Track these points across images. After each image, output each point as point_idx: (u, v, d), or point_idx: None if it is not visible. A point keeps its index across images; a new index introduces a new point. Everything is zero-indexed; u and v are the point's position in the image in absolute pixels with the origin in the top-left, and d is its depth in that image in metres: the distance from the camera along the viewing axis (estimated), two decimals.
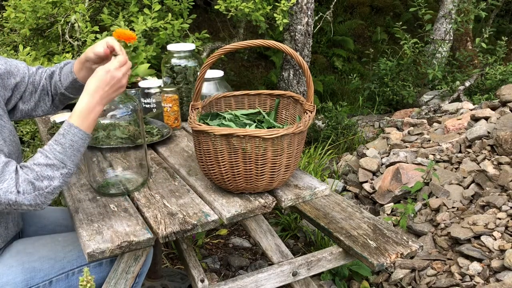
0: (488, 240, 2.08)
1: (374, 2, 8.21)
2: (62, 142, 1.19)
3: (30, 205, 1.16)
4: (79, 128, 1.21)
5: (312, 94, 1.34)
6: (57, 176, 1.17)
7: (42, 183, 1.15)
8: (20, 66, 1.45)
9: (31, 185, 1.15)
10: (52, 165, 1.17)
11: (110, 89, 1.24)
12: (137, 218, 1.30)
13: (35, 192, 1.15)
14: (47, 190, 1.16)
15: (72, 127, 1.20)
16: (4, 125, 1.34)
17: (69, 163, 1.19)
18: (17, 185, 1.14)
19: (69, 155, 1.19)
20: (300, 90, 4.33)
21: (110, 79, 1.24)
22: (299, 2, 3.99)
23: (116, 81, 1.25)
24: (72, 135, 1.20)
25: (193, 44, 1.98)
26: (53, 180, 1.17)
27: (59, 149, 1.18)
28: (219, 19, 6.33)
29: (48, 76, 1.48)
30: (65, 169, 1.18)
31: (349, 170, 3.17)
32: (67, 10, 2.92)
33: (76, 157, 1.21)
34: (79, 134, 1.20)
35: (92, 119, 1.23)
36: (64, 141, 1.19)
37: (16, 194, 1.13)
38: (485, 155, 2.60)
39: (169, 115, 1.88)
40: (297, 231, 2.62)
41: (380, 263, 1.56)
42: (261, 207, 1.34)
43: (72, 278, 1.35)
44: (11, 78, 1.41)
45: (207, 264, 2.38)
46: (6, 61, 1.42)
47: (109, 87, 1.24)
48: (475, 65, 5.20)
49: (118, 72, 1.25)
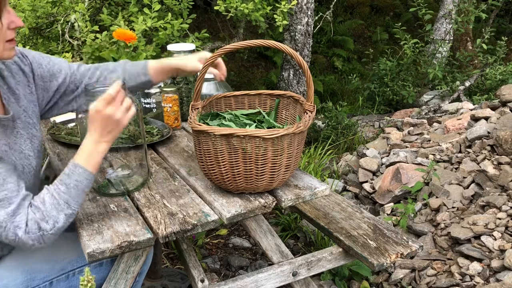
0: (488, 240, 2.08)
1: (374, 2, 8.21)
2: (67, 182, 1.19)
3: (33, 244, 1.16)
4: (85, 168, 1.20)
5: (312, 94, 1.34)
6: (61, 218, 1.17)
7: (47, 224, 1.15)
8: (63, 66, 1.42)
9: (37, 225, 1.14)
10: (57, 205, 1.16)
11: (107, 128, 1.21)
12: (137, 218, 1.30)
13: (40, 232, 1.15)
14: (51, 232, 1.16)
15: (77, 167, 1.20)
16: (36, 135, 1.33)
17: (73, 203, 1.19)
18: (27, 222, 1.14)
19: (73, 195, 1.19)
20: (300, 90, 4.33)
21: (102, 119, 1.21)
22: (299, 2, 3.99)
23: (109, 120, 1.21)
24: (77, 175, 1.19)
25: (193, 44, 1.98)
26: (58, 222, 1.16)
27: (64, 189, 1.18)
28: (219, 19, 6.33)
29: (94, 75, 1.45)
30: (69, 210, 1.18)
31: (349, 170, 3.17)
32: (66, 10, 2.92)
33: (81, 198, 1.21)
34: (84, 175, 1.20)
35: (97, 159, 1.22)
36: (69, 182, 1.19)
37: (23, 233, 1.13)
38: (485, 155, 2.60)
39: (169, 115, 1.88)
40: (297, 231, 2.62)
41: (380, 263, 1.56)
42: (261, 207, 1.34)
43: (73, 279, 1.34)
44: (53, 81, 1.39)
45: (207, 264, 2.38)
46: (49, 61, 1.39)
47: (106, 126, 1.21)
48: (475, 65, 5.21)
49: (108, 110, 1.20)
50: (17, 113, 1.28)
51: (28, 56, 1.35)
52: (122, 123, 1.23)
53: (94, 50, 2.56)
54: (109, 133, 1.22)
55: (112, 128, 1.22)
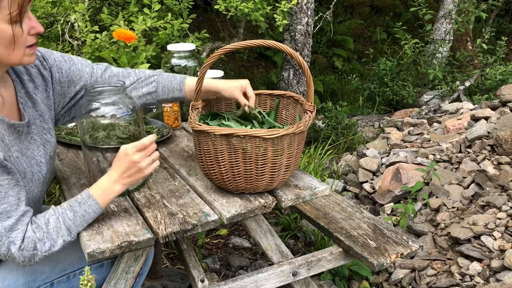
0: (488, 240, 2.08)
1: (374, 2, 8.21)
2: (76, 210, 1.20)
3: (23, 261, 1.16)
4: (97, 201, 1.21)
5: (312, 94, 1.34)
6: (59, 242, 1.18)
7: (44, 246, 1.15)
8: (84, 71, 1.39)
9: (33, 244, 1.14)
10: (59, 229, 1.17)
11: (128, 172, 1.24)
12: (137, 218, 1.30)
13: (34, 251, 1.15)
14: (45, 253, 1.16)
15: (90, 199, 1.21)
16: (49, 140, 1.33)
17: (74, 232, 1.20)
18: (22, 241, 1.14)
19: (77, 224, 1.20)
20: (300, 90, 4.33)
21: (127, 162, 1.23)
22: (299, 2, 3.99)
23: (133, 165, 1.23)
24: (87, 206, 1.20)
25: (193, 44, 1.98)
26: (54, 246, 1.17)
27: (71, 216, 1.19)
28: (219, 19, 6.33)
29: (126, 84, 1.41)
30: (68, 237, 1.19)
31: (349, 170, 3.17)
32: (66, 10, 2.92)
33: (82, 227, 1.22)
34: (94, 208, 1.21)
35: (110, 197, 1.23)
36: (78, 210, 1.20)
37: (17, 250, 1.13)
38: (485, 155, 2.60)
39: (169, 115, 1.88)
40: (297, 231, 2.62)
41: (380, 263, 1.56)
42: (261, 207, 1.34)
43: (73, 280, 1.34)
44: (71, 87, 1.38)
45: (207, 264, 2.38)
46: (71, 66, 1.37)
47: (128, 170, 1.23)
48: (475, 65, 5.20)
49: (135, 156, 1.23)
50: (32, 118, 1.28)
51: (49, 60, 1.33)
52: (144, 172, 1.25)
53: (94, 50, 2.56)
54: (128, 177, 1.24)
55: (133, 174, 1.24)
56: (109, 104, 1.31)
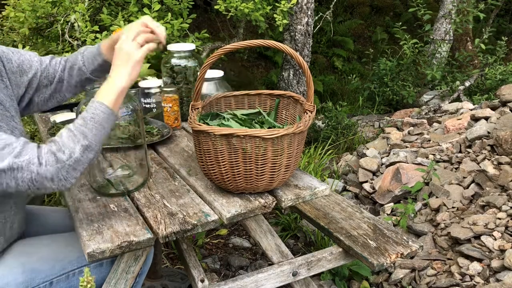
0: (488, 240, 2.08)
1: (374, 2, 8.21)
2: (84, 115, 1.20)
3: (52, 180, 1.14)
4: (101, 102, 1.21)
5: (312, 94, 1.34)
6: (78, 148, 1.16)
7: (64, 154, 1.15)
8: (33, 60, 1.43)
9: (53, 156, 1.14)
10: (73, 136, 1.17)
11: (119, 62, 1.24)
12: (137, 218, 1.30)
13: (57, 164, 1.14)
14: (68, 162, 1.15)
15: (94, 102, 1.21)
16: (16, 126, 1.33)
17: (90, 136, 1.18)
18: (40, 157, 1.13)
19: (90, 127, 1.18)
20: (300, 90, 4.33)
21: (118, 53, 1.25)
22: (299, 2, 3.99)
23: (120, 54, 1.25)
24: (93, 108, 1.20)
25: (193, 44, 1.98)
26: (74, 152, 1.16)
27: (81, 122, 1.19)
28: (219, 19, 6.33)
29: (66, 68, 1.46)
30: (85, 141, 1.17)
31: (349, 170, 3.17)
32: (66, 10, 2.92)
33: (99, 131, 1.20)
34: (101, 108, 1.20)
35: (113, 94, 1.22)
36: (86, 115, 1.19)
37: (38, 166, 1.13)
38: (485, 155, 2.60)
39: (169, 115, 1.88)
40: (297, 231, 2.62)
41: (380, 263, 1.56)
42: (261, 207, 1.34)
43: (73, 279, 1.34)
44: (23, 76, 1.40)
45: (207, 264, 2.38)
46: (20, 56, 1.40)
47: (118, 60, 1.25)
48: (475, 65, 5.21)
49: (124, 45, 1.25)
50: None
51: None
52: (133, 55, 1.25)
53: None
54: (122, 67, 1.24)
55: (124, 61, 1.25)
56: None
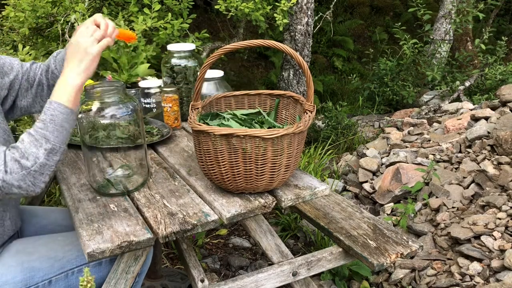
0: (488, 240, 2.08)
1: (374, 2, 8.21)
2: (43, 118, 1.18)
3: (20, 187, 1.14)
4: (58, 102, 1.20)
5: (312, 94, 1.34)
6: (42, 153, 1.15)
7: (28, 161, 1.14)
8: (14, 63, 1.44)
9: (17, 163, 1.13)
10: (35, 141, 1.16)
11: (74, 59, 1.23)
12: (137, 218, 1.29)
13: (23, 171, 1.14)
14: (33, 168, 1.14)
15: (51, 103, 1.20)
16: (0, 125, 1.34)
17: (52, 138, 1.17)
18: (5, 164, 1.13)
19: (50, 130, 1.17)
20: (300, 90, 4.33)
21: (70, 52, 1.23)
22: (299, 2, 3.99)
23: (76, 50, 1.23)
24: (52, 110, 1.19)
25: (193, 44, 1.98)
26: (38, 158, 1.15)
27: (41, 125, 1.18)
28: (219, 19, 6.33)
29: (43, 71, 1.48)
30: (48, 145, 1.16)
31: (349, 170, 3.17)
32: (66, 10, 2.92)
33: (60, 133, 1.19)
34: (59, 108, 1.19)
35: (70, 92, 1.21)
36: (44, 117, 1.18)
37: (4, 173, 1.12)
38: (485, 155, 2.60)
39: (169, 115, 1.88)
40: (297, 231, 2.62)
41: (380, 263, 1.56)
42: (261, 207, 1.34)
43: (72, 278, 1.34)
44: (4, 77, 1.41)
45: (207, 264, 2.38)
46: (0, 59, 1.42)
47: (73, 57, 1.23)
48: (475, 65, 5.20)
49: (80, 38, 1.24)
50: None
51: None
52: (89, 51, 1.24)
53: None
54: (76, 64, 1.22)
55: (80, 59, 1.23)
56: (109, 104, 1.31)
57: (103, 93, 1.30)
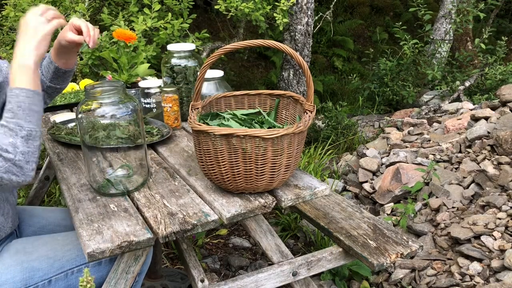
0: (488, 240, 2.08)
1: (374, 2, 8.21)
2: (9, 107, 1.18)
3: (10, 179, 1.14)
4: (20, 87, 1.19)
5: (312, 94, 1.34)
6: (19, 141, 1.15)
7: (9, 153, 1.14)
8: (3, 66, 1.45)
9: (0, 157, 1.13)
10: (9, 131, 1.15)
11: (25, 39, 1.21)
12: (137, 218, 1.30)
13: (7, 163, 1.13)
14: (17, 158, 1.14)
15: (13, 90, 1.19)
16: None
17: (26, 124, 1.17)
18: None
19: (21, 117, 1.17)
20: (300, 90, 4.33)
21: (20, 32, 1.22)
22: (299, 2, 3.99)
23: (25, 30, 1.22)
24: (15, 96, 1.18)
25: (193, 44, 1.98)
26: (17, 147, 1.15)
27: (10, 115, 1.17)
28: (219, 19, 6.33)
29: None
30: (23, 131, 1.16)
31: (349, 170, 3.17)
32: (67, 10, 2.92)
33: (32, 117, 1.18)
34: (21, 93, 1.18)
35: (28, 73, 1.20)
36: (11, 106, 1.18)
37: None
38: (485, 155, 2.60)
39: (169, 115, 1.88)
40: (297, 231, 2.62)
41: (380, 263, 1.56)
42: (261, 207, 1.34)
43: (71, 278, 1.34)
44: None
45: (207, 264, 2.38)
46: None
47: (24, 37, 1.22)
48: (475, 65, 5.21)
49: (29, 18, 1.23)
50: None
51: None
52: (40, 28, 1.22)
53: (94, 50, 2.56)
54: (28, 43, 1.21)
55: (31, 36, 1.22)
56: (109, 104, 1.31)
57: (103, 93, 1.30)
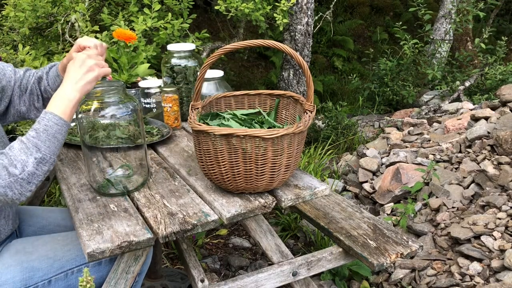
0: (488, 240, 2.08)
1: (374, 2, 8.21)
2: (37, 127, 1.19)
3: (5, 194, 1.14)
4: (54, 113, 1.20)
5: (312, 94, 1.34)
6: (31, 161, 1.15)
7: (16, 169, 1.14)
8: (7, 70, 1.45)
9: (5, 170, 1.13)
10: (26, 149, 1.15)
11: (77, 75, 1.24)
12: (137, 218, 1.29)
13: (10, 178, 1.13)
14: (21, 176, 1.14)
15: (47, 113, 1.20)
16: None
17: (44, 148, 1.17)
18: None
19: (43, 139, 1.18)
20: (300, 90, 4.33)
21: (74, 68, 1.25)
22: (299, 2, 3.99)
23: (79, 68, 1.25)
24: (46, 120, 1.19)
25: (193, 44, 1.98)
26: (27, 166, 1.15)
27: (33, 134, 1.18)
28: (219, 19, 6.33)
29: (36, 80, 1.50)
30: (39, 154, 1.16)
31: (349, 170, 3.17)
32: (67, 10, 2.92)
33: (52, 143, 1.19)
34: (54, 119, 1.20)
35: (67, 105, 1.22)
36: (38, 127, 1.19)
37: None
38: (485, 155, 2.60)
39: (169, 115, 1.88)
40: (297, 231, 2.62)
41: (380, 263, 1.56)
42: (261, 207, 1.34)
43: (71, 278, 1.34)
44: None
45: (207, 264, 2.38)
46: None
47: (76, 73, 1.24)
48: (475, 65, 5.21)
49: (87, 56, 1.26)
50: None
51: None
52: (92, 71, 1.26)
53: None
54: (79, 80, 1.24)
55: (83, 75, 1.25)
56: (109, 104, 1.31)
57: (103, 93, 1.30)
